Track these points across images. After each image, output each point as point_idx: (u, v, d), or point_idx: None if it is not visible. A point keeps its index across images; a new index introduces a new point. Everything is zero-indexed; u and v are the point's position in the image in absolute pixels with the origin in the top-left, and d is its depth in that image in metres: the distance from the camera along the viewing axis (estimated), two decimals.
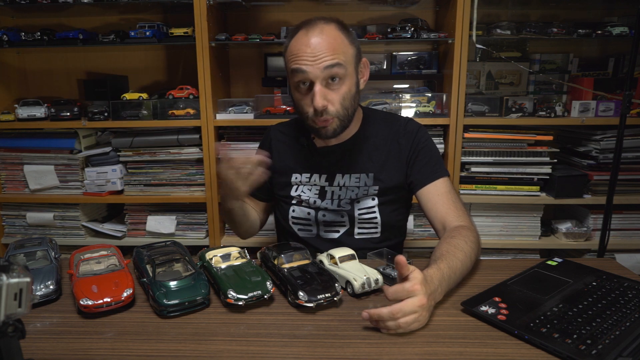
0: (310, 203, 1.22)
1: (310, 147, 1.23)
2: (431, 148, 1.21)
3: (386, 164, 1.19)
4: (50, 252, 1.01)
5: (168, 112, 1.92)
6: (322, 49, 1.02)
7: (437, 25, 2.09)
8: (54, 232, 2.08)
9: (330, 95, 1.06)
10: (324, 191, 1.22)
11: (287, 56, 1.09)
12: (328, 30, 1.05)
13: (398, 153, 1.19)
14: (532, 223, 1.98)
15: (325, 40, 1.03)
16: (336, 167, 1.21)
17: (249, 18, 2.14)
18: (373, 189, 1.19)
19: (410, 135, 1.20)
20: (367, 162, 1.20)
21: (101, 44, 1.93)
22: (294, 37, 1.07)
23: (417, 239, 2.00)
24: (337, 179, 1.21)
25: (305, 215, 1.24)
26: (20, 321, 0.53)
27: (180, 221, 2.03)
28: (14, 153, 2.04)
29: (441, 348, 0.74)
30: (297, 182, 1.24)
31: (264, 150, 1.30)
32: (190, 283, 0.87)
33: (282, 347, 0.75)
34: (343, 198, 1.20)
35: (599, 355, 0.69)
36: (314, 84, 1.04)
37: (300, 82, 1.06)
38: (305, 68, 1.03)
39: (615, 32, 1.82)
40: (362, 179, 1.20)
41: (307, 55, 1.03)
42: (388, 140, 1.20)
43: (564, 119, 1.88)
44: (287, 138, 1.29)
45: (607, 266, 1.04)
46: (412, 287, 0.76)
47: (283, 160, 1.26)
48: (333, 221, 1.22)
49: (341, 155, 1.21)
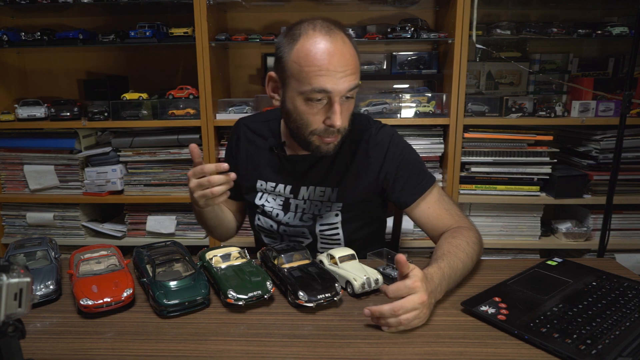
0: (272, 215, 1.17)
1: (279, 153, 1.14)
2: (409, 159, 1.11)
3: (352, 178, 1.11)
4: (50, 252, 1.01)
5: (168, 112, 1.93)
6: (347, 66, 0.93)
7: (437, 25, 2.09)
8: (54, 232, 2.08)
9: (343, 113, 0.97)
10: (287, 203, 1.16)
11: (298, 61, 0.94)
12: (347, 42, 0.95)
13: (366, 168, 1.11)
14: (532, 223, 1.98)
15: (348, 54, 0.94)
16: (302, 178, 1.14)
17: (249, 18, 2.14)
18: (337, 206, 1.13)
19: (382, 149, 1.10)
20: (333, 176, 1.12)
21: (101, 44, 1.93)
22: (303, 41, 0.93)
23: (417, 239, 2.00)
24: (302, 192, 1.14)
25: (269, 227, 1.20)
26: (20, 321, 0.53)
27: (180, 221, 2.03)
28: (14, 153, 2.04)
29: (441, 348, 0.74)
30: (262, 189, 1.18)
31: (232, 145, 1.24)
32: (190, 283, 0.87)
33: (282, 347, 0.75)
34: (306, 212, 1.14)
35: (599, 355, 0.69)
36: (333, 102, 0.94)
37: (316, 98, 0.94)
38: (330, 87, 0.92)
39: (615, 32, 1.82)
40: (326, 193, 1.12)
41: (333, 72, 0.92)
42: (356, 153, 1.11)
43: (564, 119, 1.88)
44: (256, 138, 1.19)
45: (607, 266, 1.04)
46: (413, 284, 0.76)
47: (249, 163, 1.19)
48: (296, 235, 1.18)
49: (309, 166, 1.13)
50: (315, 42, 0.92)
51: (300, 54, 0.93)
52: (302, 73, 0.93)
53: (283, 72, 0.98)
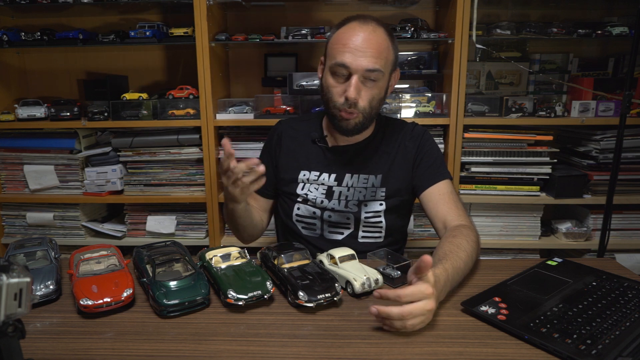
0: (316, 203, 1.22)
1: (322, 144, 1.24)
2: (435, 151, 1.23)
3: (393, 165, 1.21)
4: (50, 252, 1.01)
5: (168, 112, 1.92)
6: (369, 48, 1.05)
7: (437, 25, 2.09)
8: (54, 232, 2.08)
9: (363, 92, 1.08)
10: (331, 191, 1.22)
11: (333, 41, 1.11)
12: (379, 32, 1.08)
13: (404, 154, 1.22)
14: (532, 223, 1.98)
15: (374, 40, 1.06)
16: (346, 167, 1.22)
17: (249, 18, 2.14)
18: (380, 191, 1.20)
19: (416, 138, 1.23)
20: (376, 164, 1.21)
21: (101, 44, 1.93)
22: (345, 25, 1.10)
23: (417, 239, 2.00)
24: (346, 180, 1.21)
25: (311, 214, 1.23)
26: (20, 321, 0.53)
27: (180, 221, 2.03)
28: (14, 153, 2.04)
29: (441, 348, 0.74)
30: (305, 179, 1.24)
31: (272, 143, 1.30)
32: (190, 283, 0.87)
33: (282, 347, 0.75)
34: (350, 199, 1.21)
35: (599, 355, 0.69)
36: (352, 76, 1.06)
37: (339, 72, 1.08)
38: (348, 61, 1.05)
39: (615, 32, 1.82)
40: (370, 180, 1.21)
41: (354, 49, 1.05)
42: (397, 144, 1.23)
43: (564, 119, 1.87)
44: (297, 134, 1.28)
45: (607, 266, 1.04)
46: (427, 291, 0.77)
47: (291, 156, 1.26)
48: (338, 222, 1.23)
49: (353, 156, 1.22)
50: (350, 27, 1.09)
51: (337, 36, 1.10)
52: (333, 50, 1.09)
53: (325, 53, 1.15)
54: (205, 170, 1.92)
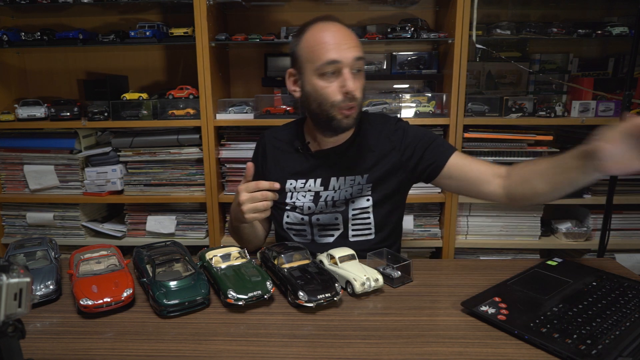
0: (304, 209, 1.22)
1: (305, 151, 1.23)
2: (430, 134, 1.21)
3: (379, 162, 1.20)
4: (50, 252, 1.01)
5: (168, 112, 1.92)
6: (348, 39, 1.08)
7: (437, 25, 2.09)
8: (54, 232, 2.07)
9: (355, 83, 1.09)
10: (318, 196, 1.21)
11: (308, 46, 1.09)
12: (343, 25, 1.11)
13: (390, 150, 1.20)
14: (532, 223, 1.98)
15: (347, 32, 1.10)
16: (331, 170, 1.21)
17: (249, 18, 2.14)
18: (367, 187, 1.20)
19: (402, 132, 1.21)
20: (362, 164, 1.20)
21: (101, 44, 1.93)
22: (311, 29, 1.11)
23: (417, 239, 2.00)
24: (332, 183, 1.21)
25: (299, 220, 1.23)
26: (20, 321, 0.53)
27: (180, 221, 2.03)
28: (14, 153, 2.04)
29: (441, 348, 0.74)
30: (292, 188, 1.23)
31: (258, 156, 1.31)
32: (190, 283, 0.87)
33: (282, 347, 0.75)
34: (337, 199, 1.21)
35: (599, 355, 0.69)
36: (343, 70, 1.07)
37: (328, 71, 1.07)
38: (337, 56, 1.06)
39: (615, 32, 1.82)
40: (356, 179, 1.20)
41: (336, 44, 1.06)
42: (380, 140, 1.21)
43: (563, 119, 1.87)
44: (281, 144, 1.28)
45: (607, 266, 1.04)
46: None
47: (277, 167, 1.26)
48: (327, 224, 1.22)
49: (337, 159, 1.21)
50: (319, 28, 1.10)
51: (309, 40, 1.10)
52: (313, 53, 1.08)
53: (298, 62, 1.13)
54: (205, 171, 1.92)
